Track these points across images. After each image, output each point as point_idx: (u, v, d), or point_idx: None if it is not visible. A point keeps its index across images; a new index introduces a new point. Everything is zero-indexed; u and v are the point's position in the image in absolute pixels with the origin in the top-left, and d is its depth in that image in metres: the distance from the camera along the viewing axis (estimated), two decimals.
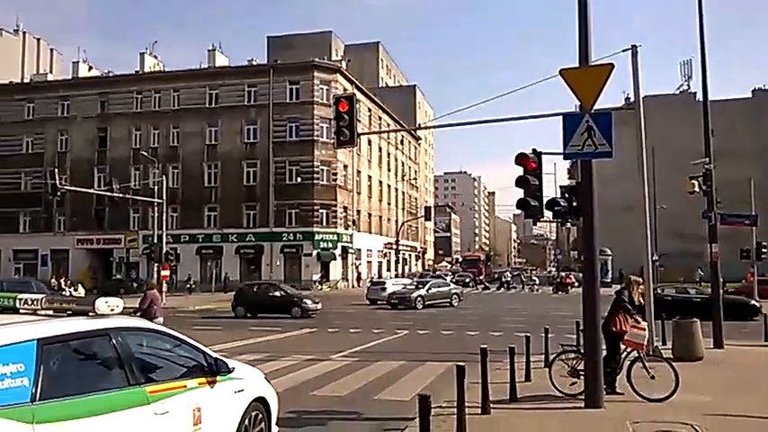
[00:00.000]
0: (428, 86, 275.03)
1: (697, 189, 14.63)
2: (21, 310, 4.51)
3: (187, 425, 4.80)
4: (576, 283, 44.90)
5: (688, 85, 67.96)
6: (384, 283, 36.34)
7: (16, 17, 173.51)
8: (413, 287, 33.05)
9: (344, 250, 51.94)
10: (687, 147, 33.60)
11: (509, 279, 57.09)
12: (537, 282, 57.25)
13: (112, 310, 4.55)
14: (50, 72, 63.55)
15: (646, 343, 9.09)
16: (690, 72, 67.41)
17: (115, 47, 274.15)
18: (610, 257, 50.94)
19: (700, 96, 16.29)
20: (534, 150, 9.50)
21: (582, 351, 8.69)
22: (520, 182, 9.27)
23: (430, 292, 31.01)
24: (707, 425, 7.08)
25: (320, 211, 49.56)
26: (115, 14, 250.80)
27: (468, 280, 57.90)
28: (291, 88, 50.73)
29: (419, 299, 29.90)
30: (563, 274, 56.03)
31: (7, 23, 69.15)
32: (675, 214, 47.18)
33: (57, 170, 31.86)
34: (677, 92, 68.72)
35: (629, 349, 8.93)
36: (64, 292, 29.21)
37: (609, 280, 48.11)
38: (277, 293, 26.55)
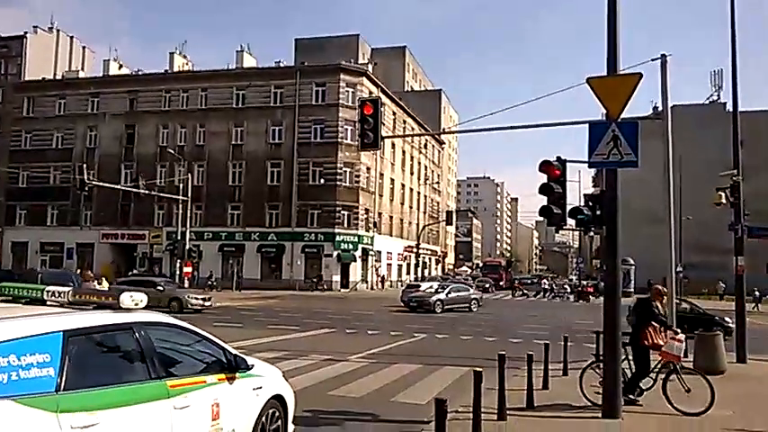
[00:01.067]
0: (454, 91, 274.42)
1: (724, 201, 14.41)
2: (48, 302, 4.61)
3: (206, 419, 4.87)
4: (597, 293, 44.41)
5: (718, 96, 67.02)
6: (419, 286, 36.20)
7: (51, 15, 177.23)
8: (434, 291, 32.90)
9: (365, 252, 52.02)
10: (715, 158, 33.15)
11: (547, 286, 55.93)
12: (568, 290, 56.64)
13: (136, 304, 4.64)
14: (82, 69, 64.76)
15: (682, 355, 8.97)
16: (720, 82, 66.48)
17: (145, 46, 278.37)
18: (632, 267, 50.28)
19: (730, 107, 16.06)
20: (558, 158, 9.44)
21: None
22: (543, 189, 9.22)
23: (449, 296, 30.71)
24: None
25: (342, 212, 49.73)
26: (146, 14, 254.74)
27: (488, 285, 57.55)
28: (317, 90, 51.00)
29: (438, 303, 29.69)
30: (584, 282, 55.49)
31: (43, 21, 70.60)
32: (701, 226, 46.46)
33: (85, 166, 32.50)
34: (707, 102, 67.75)
35: (661, 361, 8.82)
36: (87, 284, 29.67)
37: (631, 290, 47.55)
38: (160, 288, 26.88)
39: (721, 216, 17.33)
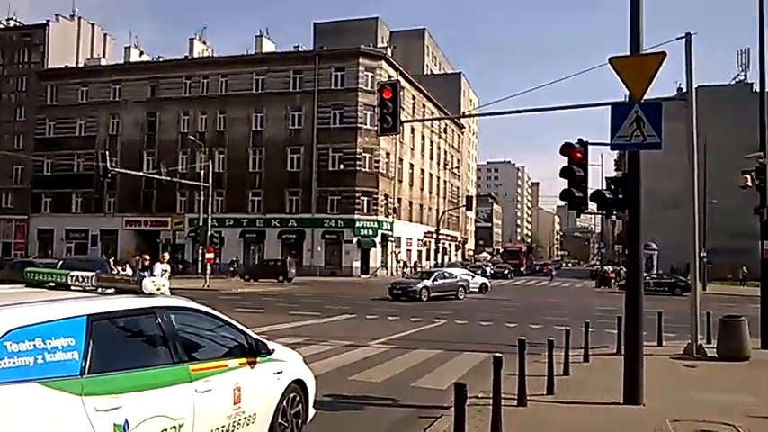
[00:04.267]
0: (474, 74, 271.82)
1: (750, 184, 14.14)
2: (72, 287, 4.68)
3: (227, 403, 4.92)
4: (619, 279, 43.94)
5: (745, 76, 65.53)
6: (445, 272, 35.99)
7: (72, 2, 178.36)
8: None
9: (384, 238, 52.09)
10: (741, 140, 32.47)
11: (604, 271, 50.62)
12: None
13: (159, 289, 4.68)
14: (103, 57, 65.24)
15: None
16: (747, 62, 64.93)
17: (166, 33, 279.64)
18: (656, 252, 49.72)
19: (757, 87, 15.71)
20: (580, 140, 9.29)
21: None
22: (564, 172, 9.09)
23: (436, 283, 28.69)
24: (750, 426, 6.89)
25: (362, 198, 49.78)
26: (166, 1, 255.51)
27: (506, 272, 57.13)
28: (336, 75, 50.89)
29: (424, 290, 27.70)
30: (606, 268, 54.99)
31: (65, 9, 70.97)
32: (725, 210, 45.71)
33: (108, 153, 32.70)
34: (733, 82, 66.31)
35: None
36: (112, 272, 30.18)
37: (654, 275, 47.05)
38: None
39: (747, 200, 17.01)
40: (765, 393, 8.93)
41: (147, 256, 18.92)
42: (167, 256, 20.75)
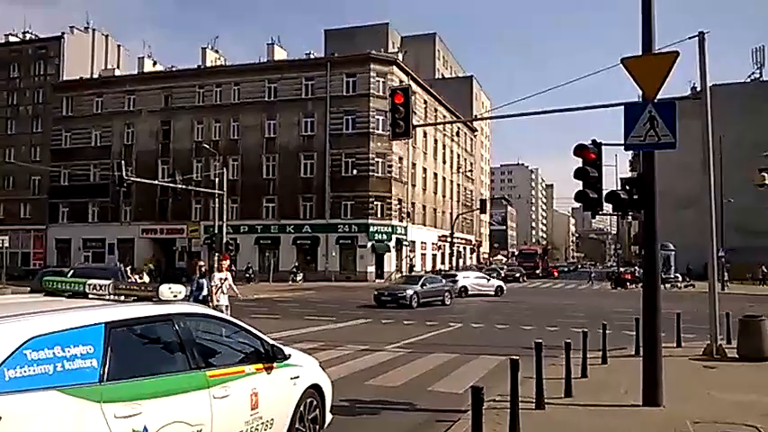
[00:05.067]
0: (486, 77, 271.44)
1: (767, 182, 13.99)
2: (89, 295, 4.72)
3: (245, 409, 4.94)
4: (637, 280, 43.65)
5: (760, 73, 64.87)
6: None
7: (86, 14, 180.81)
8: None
9: (399, 242, 52.04)
10: (757, 138, 32.16)
11: (620, 272, 49.68)
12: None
13: (175, 296, 4.71)
14: (117, 67, 65.96)
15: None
16: (762, 59, 64.28)
17: (178, 42, 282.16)
18: (673, 252, 49.30)
19: None
20: (594, 141, 9.24)
21: None
22: (578, 173, 9.05)
23: (425, 288, 27.07)
24: None
25: (375, 203, 49.80)
26: (178, 10, 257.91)
27: (518, 275, 56.37)
28: (348, 81, 51.03)
29: (414, 296, 25.95)
30: (622, 269, 54.60)
31: (78, 17, 71.79)
32: (743, 208, 45.18)
33: (123, 162, 33.04)
34: (748, 80, 65.64)
35: None
36: (129, 280, 30.46)
37: (672, 276, 46.66)
38: None
39: (764, 198, 16.83)
40: None
41: (203, 263, 16.62)
42: (227, 262, 17.45)
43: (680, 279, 45.63)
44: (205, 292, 14.52)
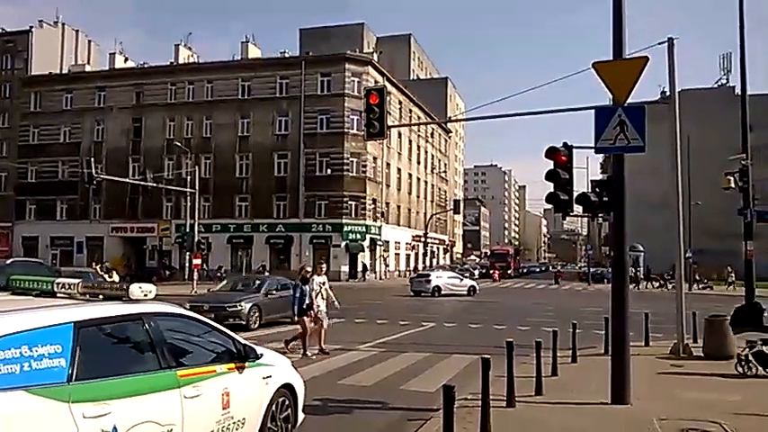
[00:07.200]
0: (460, 78, 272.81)
1: (733, 185, 14.34)
2: (58, 294, 4.65)
3: (216, 408, 4.92)
4: (605, 280, 44.38)
5: (727, 79, 66.38)
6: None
7: (56, 9, 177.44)
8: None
9: (373, 242, 52.07)
10: (724, 142, 32.85)
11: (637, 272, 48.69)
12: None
13: (146, 295, 4.67)
14: (88, 63, 64.78)
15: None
16: (729, 66, 65.80)
17: (151, 39, 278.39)
18: (642, 254, 50.15)
19: (738, 90, 15.93)
20: (565, 144, 9.38)
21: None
22: (550, 175, 9.18)
23: (269, 297, 18.63)
24: (736, 424, 6.97)
25: (349, 202, 49.73)
26: (151, 7, 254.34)
27: (467, 274, 49.80)
28: (323, 80, 50.89)
29: (254, 309, 17.49)
30: (592, 270, 55.41)
31: (48, 15, 70.53)
32: (710, 211, 46.08)
33: (93, 159, 32.47)
34: (716, 86, 67.11)
35: None
36: (98, 278, 29.95)
37: (642, 276, 47.45)
38: None
39: (731, 201, 17.23)
40: (751, 391, 9.03)
41: (309, 268, 13.85)
42: (324, 266, 15.39)
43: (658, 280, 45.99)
44: (308, 300, 12.93)
